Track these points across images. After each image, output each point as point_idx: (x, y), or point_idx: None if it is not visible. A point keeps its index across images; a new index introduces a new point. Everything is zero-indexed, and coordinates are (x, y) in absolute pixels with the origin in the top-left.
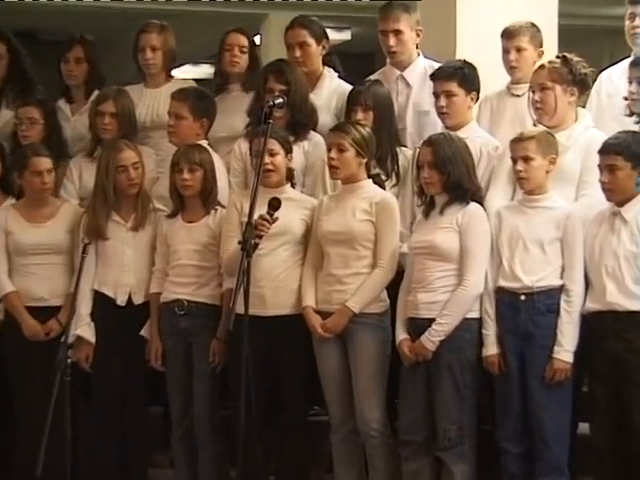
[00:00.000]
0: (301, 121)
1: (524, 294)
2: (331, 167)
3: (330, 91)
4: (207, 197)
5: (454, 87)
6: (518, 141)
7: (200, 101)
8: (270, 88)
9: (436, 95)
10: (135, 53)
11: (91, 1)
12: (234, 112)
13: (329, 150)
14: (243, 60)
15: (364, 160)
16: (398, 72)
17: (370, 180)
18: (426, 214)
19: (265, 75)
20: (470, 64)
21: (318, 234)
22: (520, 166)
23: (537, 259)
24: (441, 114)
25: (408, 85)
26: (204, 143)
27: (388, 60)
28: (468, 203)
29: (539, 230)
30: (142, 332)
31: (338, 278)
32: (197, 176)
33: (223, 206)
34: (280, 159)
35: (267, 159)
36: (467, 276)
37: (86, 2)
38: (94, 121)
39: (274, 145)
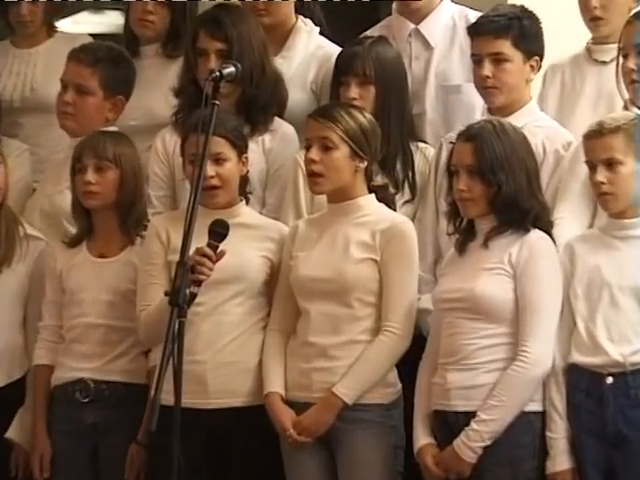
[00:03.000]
0: (257, 101)
1: (612, 374)
2: (312, 175)
3: (307, 54)
4: (127, 215)
5: (506, 47)
6: (596, 135)
7: (117, 67)
8: (202, 49)
9: (477, 60)
10: None
11: None
12: (151, 88)
13: (308, 148)
14: (160, 18)
15: (363, 164)
16: (412, 25)
17: (372, 196)
18: (462, 248)
19: (194, 30)
20: (530, 13)
21: (291, 281)
22: (601, 175)
23: (632, 319)
24: (484, 89)
25: (427, 45)
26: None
27: (395, 6)
28: (528, 230)
29: (634, 273)
30: (8, 433)
31: (322, 349)
32: (109, 179)
33: None
34: (231, 167)
35: (211, 170)
36: (527, 345)
37: None
38: None
39: (222, 146)
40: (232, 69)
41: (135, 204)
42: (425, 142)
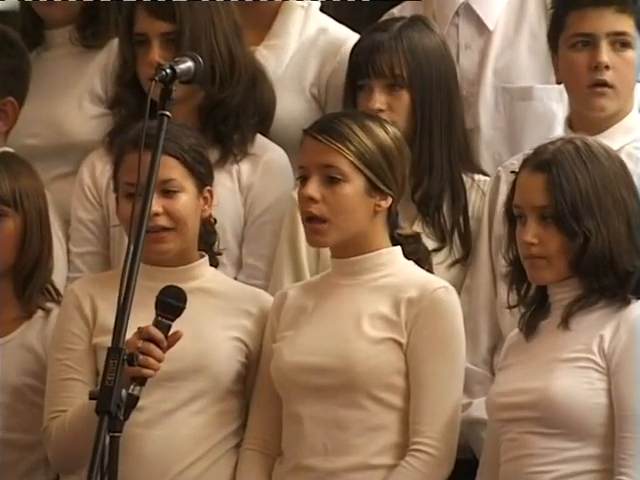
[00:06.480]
0: (225, 110)
1: None
2: (310, 220)
3: (304, 42)
4: (29, 279)
5: (630, 27)
6: None
7: (1, 55)
8: (141, 35)
9: (587, 42)
10: None
11: None
12: (60, 91)
13: (304, 180)
14: None
15: (385, 202)
16: None
17: (398, 249)
18: (529, 328)
19: (131, 9)
20: None
21: (272, 373)
22: None
23: None
24: (596, 87)
25: (483, 28)
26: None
27: None
28: (628, 303)
29: None
30: None
31: (322, 476)
32: (7, 231)
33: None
34: (186, 202)
35: (156, 204)
36: (627, 473)
37: None
38: None
39: (171, 170)
40: (190, 64)
41: (40, 263)
42: (485, 173)
